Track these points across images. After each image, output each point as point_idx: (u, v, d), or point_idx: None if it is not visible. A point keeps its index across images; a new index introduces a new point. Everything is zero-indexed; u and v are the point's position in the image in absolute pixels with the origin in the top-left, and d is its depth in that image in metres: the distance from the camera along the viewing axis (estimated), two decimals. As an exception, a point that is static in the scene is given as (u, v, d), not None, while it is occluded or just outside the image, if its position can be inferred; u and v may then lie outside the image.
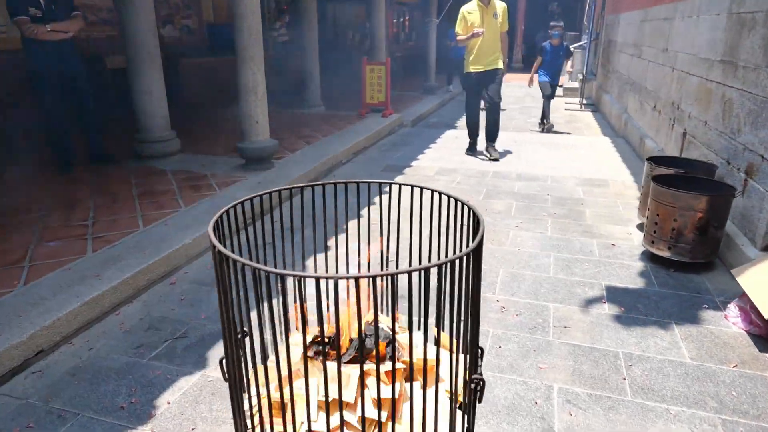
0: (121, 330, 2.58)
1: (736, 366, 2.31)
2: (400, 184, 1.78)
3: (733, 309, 2.70)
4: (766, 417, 2.00)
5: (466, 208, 1.45)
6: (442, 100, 10.72)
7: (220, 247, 1.20)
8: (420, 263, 1.24)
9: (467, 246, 1.36)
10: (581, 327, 2.61)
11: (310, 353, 1.48)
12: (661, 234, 3.20)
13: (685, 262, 3.16)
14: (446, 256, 1.46)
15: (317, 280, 1.06)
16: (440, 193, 1.58)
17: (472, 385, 1.34)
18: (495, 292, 2.95)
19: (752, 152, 3.16)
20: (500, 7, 5.68)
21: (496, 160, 5.92)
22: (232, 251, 1.25)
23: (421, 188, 1.62)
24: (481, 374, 1.36)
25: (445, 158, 6.11)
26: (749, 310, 2.59)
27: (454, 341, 1.31)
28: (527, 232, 3.81)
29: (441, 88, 11.86)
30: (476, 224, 1.35)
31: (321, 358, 1.42)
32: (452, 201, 1.53)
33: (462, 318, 1.27)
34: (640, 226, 3.90)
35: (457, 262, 1.17)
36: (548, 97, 7.69)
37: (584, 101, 10.25)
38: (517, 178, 5.27)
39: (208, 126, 7.10)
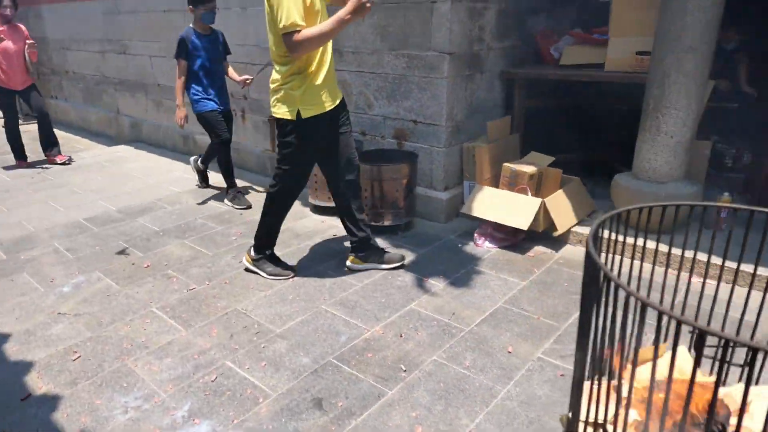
0: None
1: (566, 282, 3.09)
2: None
3: (477, 238, 3.44)
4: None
5: None
6: None
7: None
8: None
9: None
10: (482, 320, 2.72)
11: None
12: (387, 207, 3.53)
13: (407, 221, 3.66)
14: None
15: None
16: None
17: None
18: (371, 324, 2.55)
19: (398, 120, 3.84)
20: None
21: None
22: None
23: None
24: None
25: (117, 197, 3.91)
26: (491, 232, 3.41)
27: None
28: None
29: None
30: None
31: None
32: None
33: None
34: (316, 209, 4.03)
35: None
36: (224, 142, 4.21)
37: None
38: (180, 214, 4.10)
39: None
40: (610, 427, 1.33)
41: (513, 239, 3.38)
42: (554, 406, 2.00)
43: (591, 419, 1.38)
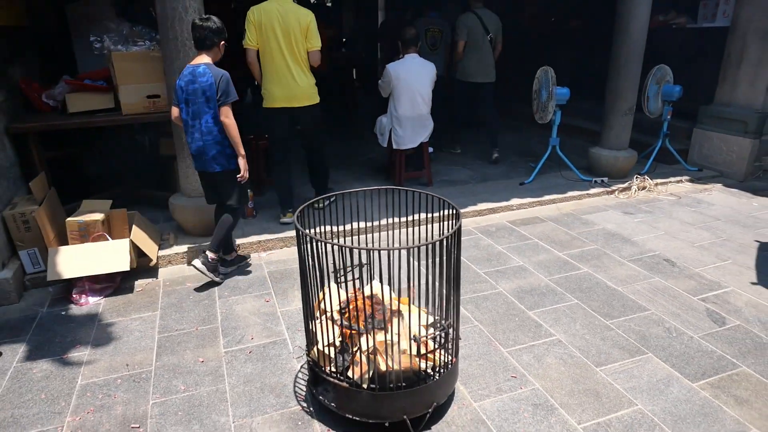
0: None
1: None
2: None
3: (78, 298, 3.34)
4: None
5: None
6: None
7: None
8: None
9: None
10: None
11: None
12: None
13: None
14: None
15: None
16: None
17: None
18: None
19: None
20: None
21: None
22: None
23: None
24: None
25: None
26: (89, 286, 3.38)
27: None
28: None
29: None
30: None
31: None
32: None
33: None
34: None
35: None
36: None
37: None
38: None
39: None
40: (336, 340, 2.23)
41: (113, 284, 3.50)
42: (265, 370, 2.68)
43: (324, 344, 2.24)
